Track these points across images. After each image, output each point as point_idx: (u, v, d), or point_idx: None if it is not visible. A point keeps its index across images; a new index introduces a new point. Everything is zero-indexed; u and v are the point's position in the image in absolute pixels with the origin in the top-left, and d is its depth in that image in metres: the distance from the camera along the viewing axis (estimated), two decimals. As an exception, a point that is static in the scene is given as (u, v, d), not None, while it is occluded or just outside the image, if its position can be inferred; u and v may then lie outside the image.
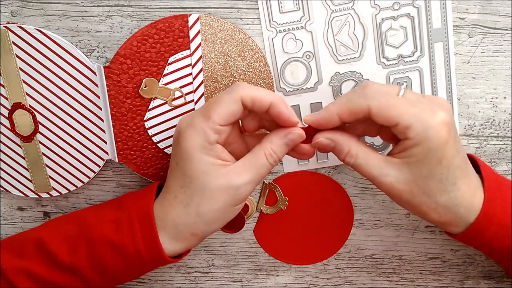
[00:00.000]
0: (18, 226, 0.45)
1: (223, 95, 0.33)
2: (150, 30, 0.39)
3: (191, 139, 0.33)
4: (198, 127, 0.33)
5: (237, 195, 0.34)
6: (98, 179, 0.44)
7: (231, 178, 0.33)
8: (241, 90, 0.33)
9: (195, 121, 0.33)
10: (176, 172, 0.34)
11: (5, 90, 0.39)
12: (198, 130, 0.33)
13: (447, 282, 0.47)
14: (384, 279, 0.47)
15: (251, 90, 0.33)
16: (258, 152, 0.34)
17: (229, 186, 0.33)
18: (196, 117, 0.33)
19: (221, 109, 0.33)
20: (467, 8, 0.41)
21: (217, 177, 0.33)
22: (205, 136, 0.33)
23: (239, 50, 0.40)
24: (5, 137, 0.40)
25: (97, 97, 0.40)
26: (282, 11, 0.40)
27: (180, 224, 0.34)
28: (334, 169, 0.44)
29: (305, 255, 0.46)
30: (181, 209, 0.34)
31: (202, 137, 0.33)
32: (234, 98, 0.33)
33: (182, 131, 0.34)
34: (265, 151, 0.34)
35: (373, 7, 0.40)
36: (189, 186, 0.34)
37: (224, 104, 0.33)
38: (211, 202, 0.33)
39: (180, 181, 0.34)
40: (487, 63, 0.42)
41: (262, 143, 0.35)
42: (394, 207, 0.45)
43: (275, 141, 0.34)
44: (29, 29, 0.38)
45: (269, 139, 0.35)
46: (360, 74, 0.42)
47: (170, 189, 0.35)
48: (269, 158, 0.34)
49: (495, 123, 0.43)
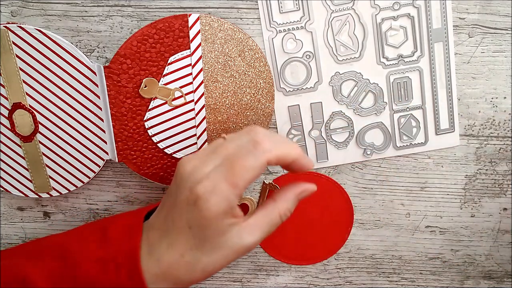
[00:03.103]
0: (18, 226, 0.45)
1: (249, 159, 0.31)
2: (150, 30, 0.39)
3: (214, 206, 0.31)
4: (224, 195, 0.31)
5: (245, 252, 0.33)
6: (98, 179, 0.44)
7: (244, 237, 0.32)
8: (267, 153, 0.32)
9: (220, 188, 0.31)
10: (187, 235, 0.32)
11: (5, 90, 0.39)
12: (223, 198, 0.31)
13: (447, 282, 0.47)
14: (384, 279, 0.46)
15: (276, 149, 0.32)
16: (272, 211, 0.33)
17: (241, 246, 0.32)
18: (221, 183, 0.31)
19: (248, 176, 0.31)
20: (467, 8, 0.41)
21: (231, 237, 0.32)
22: (230, 203, 0.31)
23: (239, 50, 0.40)
24: (5, 137, 0.40)
25: (97, 97, 0.40)
26: (282, 11, 0.40)
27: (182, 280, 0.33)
28: (334, 169, 0.44)
29: (305, 255, 0.46)
30: (187, 268, 0.32)
31: (227, 204, 0.31)
32: (261, 163, 0.31)
33: (203, 197, 0.31)
34: (280, 212, 0.34)
35: (373, 7, 0.40)
36: (200, 249, 0.32)
37: (251, 171, 0.31)
38: (221, 261, 0.32)
39: (190, 243, 0.32)
40: (487, 63, 0.42)
41: (277, 201, 0.34)
42: (394, 207, 0.45)
43: (290, 199, 0.34)
44: (29, 29, 0.38)
45: (285, 198, 0.34)
46: (360, 74, 0.42)
47: (176, 247, 0.33)
48: (283, 217, 0.34)
49: (495, 123, 0.43)
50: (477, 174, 0.44)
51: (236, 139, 0.33)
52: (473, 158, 0.44)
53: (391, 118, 0.43)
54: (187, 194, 0.32)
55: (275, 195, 0.35)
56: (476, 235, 0.45)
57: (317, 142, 0.43)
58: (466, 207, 0.45)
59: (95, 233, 0.36)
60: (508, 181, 0.44)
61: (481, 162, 0.44)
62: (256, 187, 0.44)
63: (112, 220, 0.36)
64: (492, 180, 0.44)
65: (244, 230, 0.32)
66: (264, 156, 0.31)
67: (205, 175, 0.31)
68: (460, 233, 0.45)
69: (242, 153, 0.32)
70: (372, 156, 0.43)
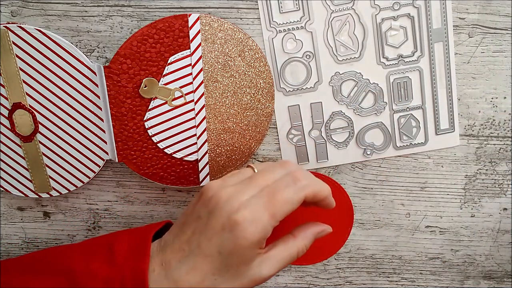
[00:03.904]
0: (18, 226, 0.45)
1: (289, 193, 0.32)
2: (150, 30, 0.39)
3: (251, 235, 0.31)
4: (263, 225, 0.31)
5: (260, 283, 0.33)
6: (98, 179, 0.44)
7: (263, 269, 0.32)
8: (306, 188, 0.32)
9: (260, 217, 0.31)
10: (214, 261, 0.32)
11: (5, 90, 0.39)
12: (261, 228, 0.31)
13: (447, 282, 0.47)
14: (384, 279, 0.46)
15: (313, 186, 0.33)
16: (292, 247, 0.34)
17: (259, 276, 0.32)
18: (261, 213, 0.31)
19: (286, 209, 0.32)
20: (467, 8, 0.41)
21: (253, 267, 0.32)
22: (266, 234, 0.31)
23: (239, 50, 0.40)
24: (5, 137, 0.40)
25: (97, 97, 0.40)
26: (282, 11, 0.40)
27: None
28: (334, 169, 0.44)
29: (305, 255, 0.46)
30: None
31: (263, 234, 0.31)
32: (300, 198, 0.32)
33: (242, 225, 0.31)
34: (299, 249, 0.34)
35: (373, 7, 0.40)
36: (223, 275, 0.32)
37: (290, 204, 0.32)
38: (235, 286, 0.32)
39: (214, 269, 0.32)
40: (487, 63, 0.42)
41: (297, 238, 0.35)
42: (394, 207, 0.45)
43: (309, 237, 0.35)
44: (29, 29, 0.38)
45: (304, 235, 0.35)
46: (360, 74, 0.42)
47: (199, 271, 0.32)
48: (300, 254, 0.34)
49: (495, 123, 0.43)
50: (477, 174, 0.44)
51: (271, 172, 0.33)
52: (473, 158, 0.44)
53: (391, 118, 0.43)
54: (223, 221, 0.31)
55: (295, 231, 0.35)
56: (476, 235, 0.45)
57: (317, 142, 0.43)
58: (466, 207, 0.45)
59: (101, 252, 0.35)
60: (508, 181, 0.44)
61: (481, 162, 0.44)
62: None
63: (119, 238, 0.36)
64: (492, 180, 0.44)
65: (264, 262, 0.32)
66: (303, 191, 0.32)
67: (243, 204, 0.31)
68: (460, 233, 0.45)
69: (282, 186, 0.32)
70: (372, 156, 0.43)
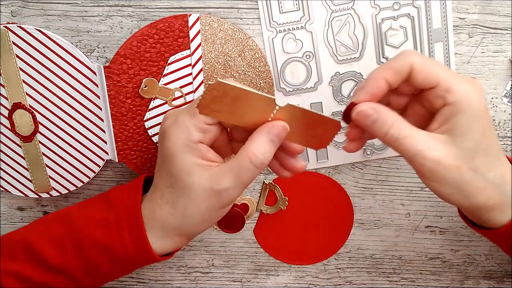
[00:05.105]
0: (18, 226, 0.45)
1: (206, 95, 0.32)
2: (150, 30, 0.39)
3: (175, 137, 0.32)
4: (183, 124, 0.32)
5: (221, 199, 0.32)
6: (98, 179, 0.44)
7: (213, 182, 0.31)
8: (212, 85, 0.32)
9: (180, 118, 0.32)
10: (162, 171, 0.33)
11: (5, 90, 0.39)
12: (182, 128, 0.31)
13: (447, 282, 0.47)
14: (384, 279, 0.47)
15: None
16: (241, 155, 0.31)
17: (211, 190, 0.32)
18: (181, 114, 0.32)
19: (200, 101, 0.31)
20: (467, 8, 0.41)
21: (200, 179, 0.32)
22: (189, 134, 0.31)
23: (239, 50, 0.40)
24: (5, 137, 0.40)
25: (97, 97, 0.40)
26: (282, 11, 0.40)
27: (168, 225, 0.33)
28: (334, 169, 0.44)
29: (305, 255, 0.46)
30: (168, 210, 0.33)
31: (185, 135, 0.31)
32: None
33: (166, 128, 0.32)
34: (249, 153, 0.31)
35: (373, 7, 0.40)
36: (174, 187, 0.33)
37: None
38: (195, 204, 0.32)
39: (165, 181, 0.33)
40: (487, 63, 0.42)
41: (246, 144, 0.32)
42: (394, 207, 0.45)
43: (258, 139, 0.31)
44: (29, 29, 0.38)
45: (252, 138, 0.31)
46: (360, 74, 0.42)
47: (158, 187, 0.34)
48: (254, 161, 0.31)
49: (495, 123, 0.43)
50: (477, 174, 0.44)
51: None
52: (473, 158, 0.44)
53: (391, 118, 0.43)
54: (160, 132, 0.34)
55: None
56: (476, 235, 0.45)
57: (317, 142, 0.43)
58: (466, 207, 0.45)
59: (97, 200, 0.37)
60: (508, 181, 0.44)
61: (481, 162, 0.44)
62: (256, 187, 0.44)
63: (113, 187, 0.37)
64: (492, 180, 0.44)
65: (213, 175, 0.32)
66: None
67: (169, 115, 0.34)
68: (460, 233, 0.45)
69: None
70: (372, 156, 0.43)
